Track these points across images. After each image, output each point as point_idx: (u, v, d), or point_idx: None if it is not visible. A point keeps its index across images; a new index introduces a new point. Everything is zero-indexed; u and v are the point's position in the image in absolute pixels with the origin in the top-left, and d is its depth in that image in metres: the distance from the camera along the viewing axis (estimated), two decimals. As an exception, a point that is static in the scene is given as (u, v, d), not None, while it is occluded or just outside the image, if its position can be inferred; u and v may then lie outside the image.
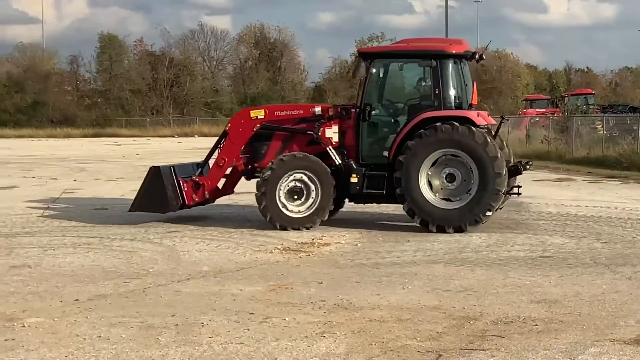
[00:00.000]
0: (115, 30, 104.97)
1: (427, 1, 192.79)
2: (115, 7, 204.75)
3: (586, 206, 19.47)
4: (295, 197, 15.28)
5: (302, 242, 14.11)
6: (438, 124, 14.92)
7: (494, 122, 16.46)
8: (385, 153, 15.57)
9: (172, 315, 9.10)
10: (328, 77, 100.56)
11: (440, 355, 7.72)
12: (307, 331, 8.45)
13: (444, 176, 15.28)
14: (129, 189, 23.75)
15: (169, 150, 48.46)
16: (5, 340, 8.11)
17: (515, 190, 16.16)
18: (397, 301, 9.88)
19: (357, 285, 10.82)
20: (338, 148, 15.66)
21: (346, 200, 16.41)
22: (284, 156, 15.39)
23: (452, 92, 15.79)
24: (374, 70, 15.82)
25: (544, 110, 59.25)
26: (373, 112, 15.64)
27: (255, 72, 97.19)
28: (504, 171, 15.05)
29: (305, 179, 15.25)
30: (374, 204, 16.95)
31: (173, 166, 16.31)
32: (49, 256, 12.91)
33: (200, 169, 16.57)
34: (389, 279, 11.27)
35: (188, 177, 16.09)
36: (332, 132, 15.72)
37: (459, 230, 15.04)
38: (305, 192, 15.28)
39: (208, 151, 17.03)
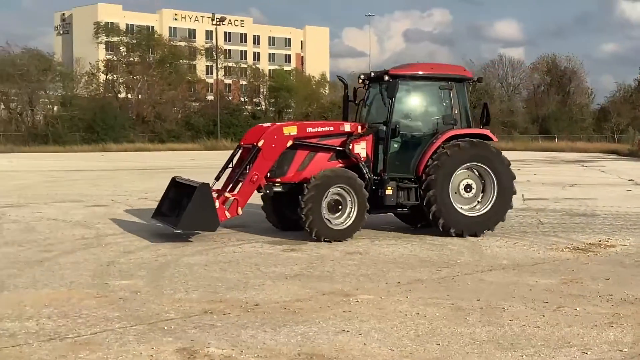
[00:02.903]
0: (427, 59, 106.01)
1: None
2: (426, 42, 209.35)
3: None
4: (335, 210, 13.37)
5: (589, 243, 13.48)
6: (474, 139, 14.08)
7: None
8: (412, 166, 14.11)
9: (478, 300, 9.02)
10: (612, 100, 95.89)
11: None
12: (596, 321, 8.08)
13: (463, 186, 14.12)
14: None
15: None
16: (344, 311, 8.41)
17: None
18: (681, 300, 9.18)
19: (642, 283, 10.20)
20: (365, 162, 14.00)
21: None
22: (326, 171, 13.49)
23: (467, 112, 14.82)
24: (403, 91, 14.27)
25: None
26: (401, 129, 14.07)
27: (546, 96, 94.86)
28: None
29: (344, 192, 13.39)
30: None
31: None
32: (375, 246, 13.22)
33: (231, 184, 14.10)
34: (674, 279, 10.47)
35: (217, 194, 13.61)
36: (360, 148, 13.97)
37: (474, 235, 14.02)
38: (342, 205, 13.41)
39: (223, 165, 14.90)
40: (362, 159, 13.91)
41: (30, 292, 9.36)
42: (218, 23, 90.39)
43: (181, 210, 13.38)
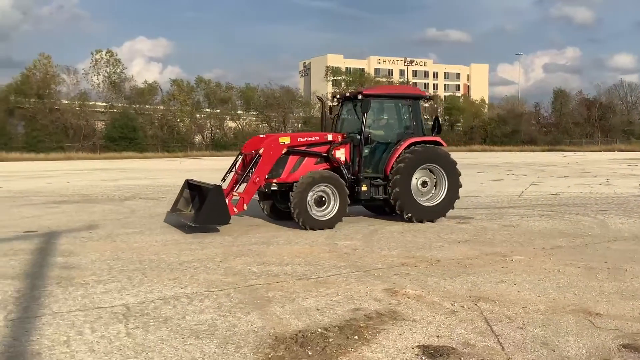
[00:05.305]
0: (562, 85, 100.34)
1: None
2: (560, 72, 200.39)
3: None
4: (320, 204, 11.61)
5: (696, 222, 12.15)
6: (429, 145, 12.59)
7: None
8: (381, 167, 12.42)
9: (605, 262, 8.39)
10: None
11: None
12: None
13: (420, 182, 12.41)
14: (573, 183, 22.49)
15: (596, 159, 44.89)
16: (502, 267, 8.11)
17: None
18: None
19: None
20: (344, 165, 12.22)
21: None
22: (311, 173, 11.70)
23: (422, 123, 12.89)
24: (373, 107, 12.44)
25: None
26: (372, 138, 12.33)
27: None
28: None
29: (328, 190, 11.64)
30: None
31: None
32: (524, 220, 12.61)
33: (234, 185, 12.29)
34: None
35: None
36: (340, 153, 12.18)
37: (431, 220, 12.42)
38: (327, 200, 11.65)
39: (227, 169, 12.98)
40: (342, 162, 12.24)
41: (286, 247, 9.74)
42: (408, 64, 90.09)
43: (194, 207, 12.12)
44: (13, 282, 7.33)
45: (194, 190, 12.49)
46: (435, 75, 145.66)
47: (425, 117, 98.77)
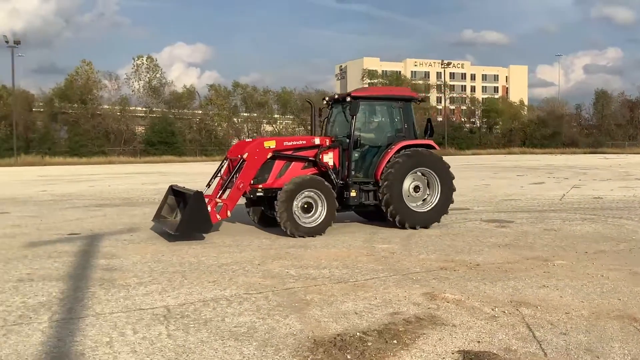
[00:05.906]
0: (603, 86, 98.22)
1: None
2: (601, 73, 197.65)
3: None
4: (307, 210, 11.11)
5: None
6: (421, 148, 12.07)
7: None
8: (371, 172, 11.91)
9: (651, 267, 8.19)
10: None
11: None
12: None
13: (412, 187, 11.95)
14: (616, 186, 21.95)
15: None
16: (544, 272, 7.95)
17: None
18: None
19: None
20: (333, 170, 11.74)
21: None
22: (295, 178, 11.17)
23: (414, 126, 12.34)
24: (362, 109, 11.95)
25: None
26: (361, 141, 11.88)
27: None
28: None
29: (314, 195, 11.12)
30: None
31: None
32: (566, 224, 12.33)
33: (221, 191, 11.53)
34: None
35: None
36: (328, 158, 11.71)
37: (425, 226, 11.98)
38: (314, 206, 11.14)
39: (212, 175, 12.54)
40: (330, 167, 11.74)
41: (324, 250, 9.73)
42: (445, 66, 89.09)
43: (178, 214, 11.69)
44: (57, 284, 7.51)
45: (179, 197, 12.05)
46: (473, 77, 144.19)
47: (463, 119, 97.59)
